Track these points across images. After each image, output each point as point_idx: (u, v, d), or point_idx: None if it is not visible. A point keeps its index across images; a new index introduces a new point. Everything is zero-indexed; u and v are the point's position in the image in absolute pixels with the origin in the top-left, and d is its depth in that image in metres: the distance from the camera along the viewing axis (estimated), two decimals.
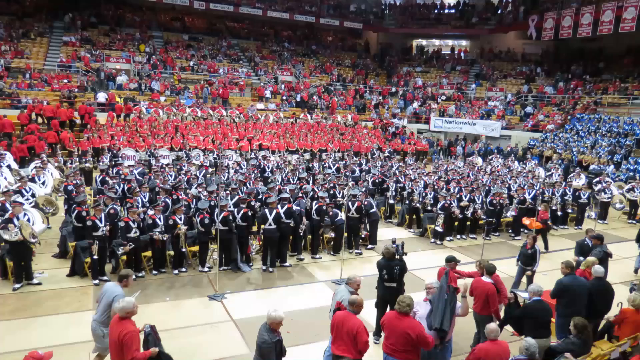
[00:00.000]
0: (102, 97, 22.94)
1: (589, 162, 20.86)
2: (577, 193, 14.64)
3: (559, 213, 14.25)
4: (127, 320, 4.91)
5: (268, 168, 16.13)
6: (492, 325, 5.11)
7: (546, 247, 11.90)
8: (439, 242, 12.17)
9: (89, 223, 8.60)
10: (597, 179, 16.99)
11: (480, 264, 6.78)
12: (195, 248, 9.84)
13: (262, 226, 9.73)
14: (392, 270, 6.74)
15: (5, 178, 12.34)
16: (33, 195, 10.85)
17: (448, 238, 12.53)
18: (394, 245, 6.99)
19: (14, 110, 19.89)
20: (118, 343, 4.78)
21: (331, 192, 12.48)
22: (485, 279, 6.47)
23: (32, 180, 11.99)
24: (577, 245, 9.20)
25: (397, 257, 6.92)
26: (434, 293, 5.71)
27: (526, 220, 11.90)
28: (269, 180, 13.50)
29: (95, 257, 8.56)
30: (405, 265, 6.96)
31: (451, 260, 6.77)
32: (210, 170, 15.54)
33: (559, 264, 6.94)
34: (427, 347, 5.18)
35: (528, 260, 8.50)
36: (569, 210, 14.56)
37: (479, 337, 6.57)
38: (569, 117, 25.89)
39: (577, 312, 6.07)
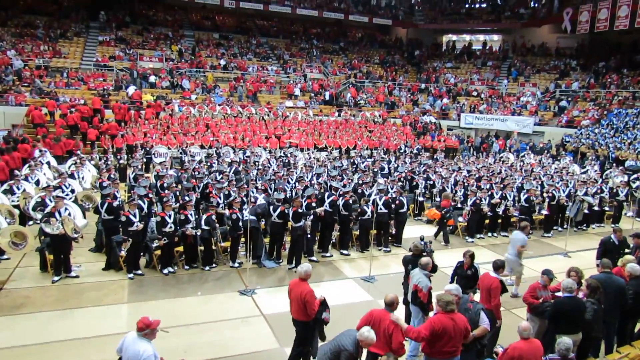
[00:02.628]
0: (132, 89, 23.63)
1: (626, 157, 20.16)
2: (614, 190, 14.23)
3: (595, 208, 13.83)
4: (305, 282, 5.87)
5: (296, 165, 16.18)
6: (525, 324, 5.04)
7: (446, 241, 11.70)
8: (469, 239, 12.01)
9: (122, 218, 8.86)
10: (635, 175, 16.44)
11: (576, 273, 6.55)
12: (227, 244, 9.99)
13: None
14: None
15: (44, 174, 12.79)
16: (72, 191, 11.21)
17: (479, 236, 12.36)
18: (422, 242, 6.99)
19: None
20: (301, 300, 5.74)
21: (359, 190, 12.45)
22: (492, 274, 6.45)
23: (72, 176, 12.40)
24: (601, 243, 8.74)
25: (424, 254, 6.89)
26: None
27: (431, 213, 12.00)
28: (299, 177, 13.55)
29: (124, 252, 8.83)
30: (435, 264, 6.92)
31: (546, 274, 6.51)
32: (241, 167, 15.68)
33: (593, 263, 6.80)
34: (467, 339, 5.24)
35: (469, 282, 6.83)
36: (606, 208, 14.16)
37: None
38: (605, 112, 25.08)
39: (608, 310, 6.09)
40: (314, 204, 10.25)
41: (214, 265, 9.64)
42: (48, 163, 14.27)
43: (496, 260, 6.68)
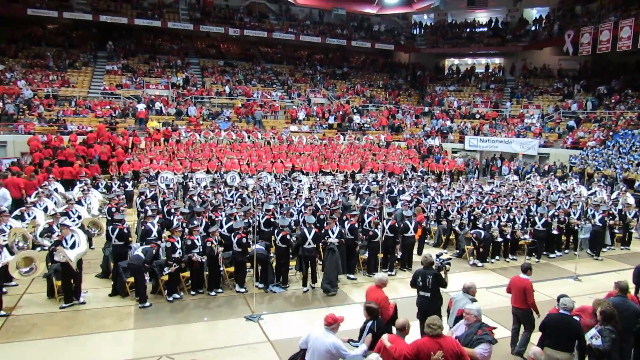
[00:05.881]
0: (141, 107, 24.32)
1: (635, 179, 20.06)
2: (623, 212, 14.11)
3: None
4: (380, 289, 6.55)
5: (301, 189, 16.21)
6: (536, 349, 5.00)
7: (420, 252, 12.02)
8: (479, 264, 11.88)
9: (167, 244, 9.08)
10: None
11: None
12: (232, 269, 9.94)
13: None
14: (426, 278, 6.85)
15: (53, 201, 12.87)
16: (79, 217, 11.27)
17: (490, 260, 12.23)
18: (438, 259, 7.04)
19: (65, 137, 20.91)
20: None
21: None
22: (522, 276, 7.07)
23: (79, 202, 12.46)
24: (636, 271, 8.22)
25: (442, 273, 7.03)
26: (471, 320, 5.58)
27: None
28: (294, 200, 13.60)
29: (139, 278, 8.77)
30: (442, 278, 6.99)
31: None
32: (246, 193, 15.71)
33: (604, 287, 6.72)
34: None
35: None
36: (616, 230, 14.01)
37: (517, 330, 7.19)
38: (611, 134, 25.09)
39: (621, 337, 5.92)
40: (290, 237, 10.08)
41: (220, 290, 9.59)
42: (55, 189, 14.36)
43: (524, 263, 7.34)
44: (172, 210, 11.77)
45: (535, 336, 6.57)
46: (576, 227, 12.69)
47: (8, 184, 14.25)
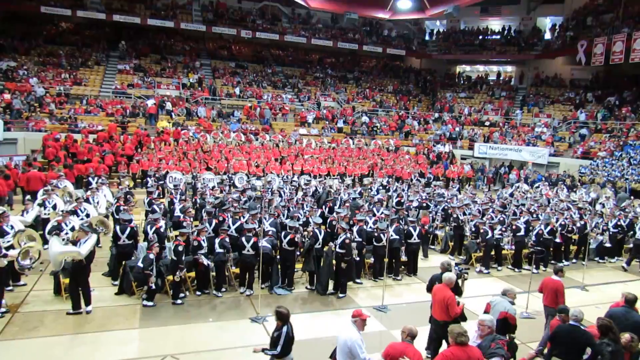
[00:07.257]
0: (150, 103, 24.57)
1: None
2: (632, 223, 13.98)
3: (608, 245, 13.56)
4: (448, 288, 6.57)
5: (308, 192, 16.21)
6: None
7: (425, 255, 12.63)
8: (485, 270, 11.81)
9: (195, 243, 9.31)
10: None
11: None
12: (237, 270, 9.94)
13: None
14: None
15: (66, 197, 12.95)
16: (87, 216, 11.31)
17: (498, 267, 12.17)
18: (457, 267, 7.09)
19: (76, 135, 21.07)
20: (444, 303, 6.45)
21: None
22: (555, 277, 7.38)
23: (87, 200, 12.53)
24: None
25: (459, 281, 7.12)
26: (485, 332, 5.54)
27: None
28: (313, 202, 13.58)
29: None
30: (458, 285, 7.05)
31: (564, 312, 6.30)
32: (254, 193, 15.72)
33: (611, 298, 6.69)
34: None
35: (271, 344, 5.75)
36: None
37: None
38: (621, 144, 24.87)
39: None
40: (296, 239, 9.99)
41: (224, 289, 9.60)
42: (65, 187, 14.44)
43: (556, 265, 7.71)
44: (183, 210, 11.81)
45: None
46: (592, 240, 12.61)
47: (31, 178, 14.61)
